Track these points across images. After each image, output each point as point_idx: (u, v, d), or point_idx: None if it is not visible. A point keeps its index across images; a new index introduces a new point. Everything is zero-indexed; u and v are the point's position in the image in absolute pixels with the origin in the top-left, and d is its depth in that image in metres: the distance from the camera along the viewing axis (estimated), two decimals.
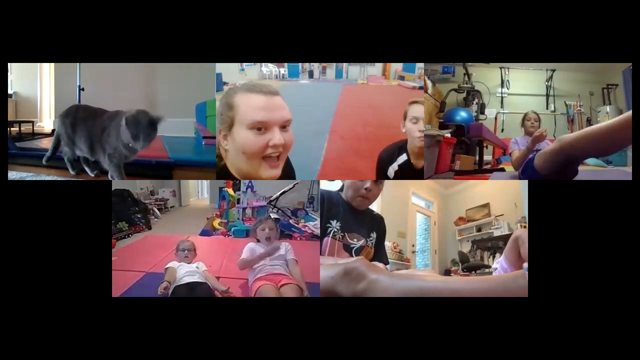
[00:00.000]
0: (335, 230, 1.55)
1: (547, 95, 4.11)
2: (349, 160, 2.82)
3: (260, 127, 1.16)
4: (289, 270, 1.90)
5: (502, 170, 3.13)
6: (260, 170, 1.19)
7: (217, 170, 1.30)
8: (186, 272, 1.85)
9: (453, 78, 3.87)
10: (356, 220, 1.61)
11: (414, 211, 3.29)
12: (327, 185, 1.97)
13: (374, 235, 1.65)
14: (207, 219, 4.17)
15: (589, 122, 4.01)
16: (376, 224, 1.69)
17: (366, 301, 1.25)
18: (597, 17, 1.76)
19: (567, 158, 1.90)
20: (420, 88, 3.92)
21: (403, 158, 1.82)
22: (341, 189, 1.68)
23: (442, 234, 3.48)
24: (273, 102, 1.19)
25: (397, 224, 3.10)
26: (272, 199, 3.89)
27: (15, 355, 1.59)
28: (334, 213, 1.58)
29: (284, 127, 1.20)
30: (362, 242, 1.59)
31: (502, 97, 4.06)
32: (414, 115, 1.77)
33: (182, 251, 2.01)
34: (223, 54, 1.83)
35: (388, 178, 1.85)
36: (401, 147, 1.84)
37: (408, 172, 1.83)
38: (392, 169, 1.83)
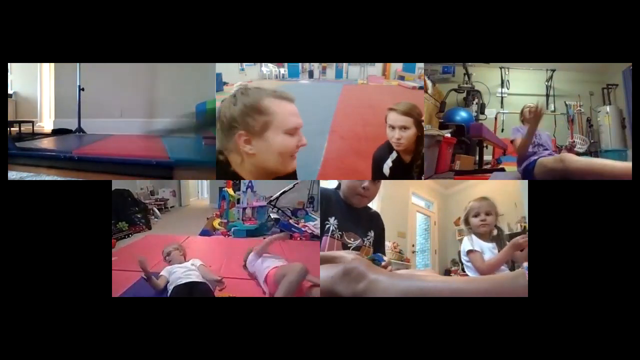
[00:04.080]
0: (333, 228, 1.56)
1: (547, 95, 4.10)
2: (349, 160, 2.81)
3: (293, 131, 1.31)
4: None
5: (502, 170, 3.13)
6: (289, 165, 1.34)
7: (227, 175, 1.37)
8: (184, 273, 1.85)
9: (453, 78, 3.87)
10: (353, 219, 1.61)
11: (414, 211, 3.28)
12: (326, 185, 1.97)
13: (371, 233, 1.65)
14: (207, 219, 4.17)
15: (589, 122, 4.01)
16: (374, 222, 1.69)
17: (366, 301, 1.25)
18: (597, 17, 1.76)
19: (567, 178, 2.00)
20: (420, 88, 3.92)
21: (394, 155, 1.86)
22: (338, 187, 1.68)
23: (442, 234, 3.47)
24: (296, 109, 1.35)
25: (397, 224, 3.10)
26: (272, 199, 3.89)
27: (16, 355, 1.59)
28: (332, 211, 1.58)
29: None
30: (359, 241, 1.59)
31: (502, 97, 4.06)
32: (389, 124, 1.83)
33: (167, 256, 2.06)
34: (223, 54, 1.84)
35: (385, 176, 1.87)
36: (391, 145, 1.87)
37: (401, 169, 1.88)
38: (387, 166, 1.87)
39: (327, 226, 1.56)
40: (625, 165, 1.81)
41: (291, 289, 1.69)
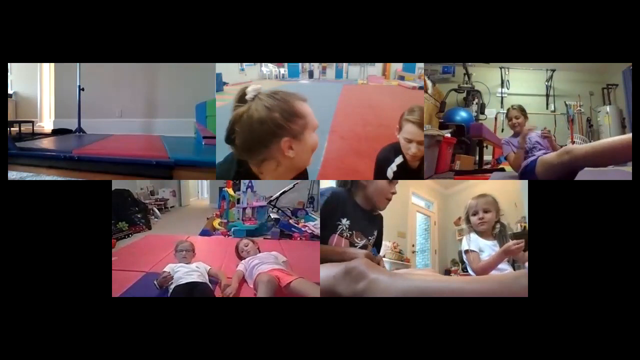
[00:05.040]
0: (344, 228, 1.57)
1: (547, 95, 4.10)
2: (349, 160, 2.81)
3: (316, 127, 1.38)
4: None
5: (502, 170, 3.13)
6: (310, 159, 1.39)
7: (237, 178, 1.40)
8: (185, 272, 1.85)
9: (453, 78, 3.87)
10: (363, 219, 1.63)
11: (414, 211, 3.28)
12: (329, 185, 1.97)
13: (375, 233, 1.66)
14: (207, 219, 4.17)
15: (589, 122, 4.01)
16: (377, 223, 1.70)
17: (366, 301, 1.26)
18: (597, 17, 1.76)
19: (574, 169, 1.97)
20: (420, 88, 3.93)
21: (400, 160, 1.85)
22: (344, 186, 1.68)
23: (442, 234, 3.47)
24: None
25: (397, 224, 3.10)
26: (272, 199, 3.89)
27: (16, 355, 1.59)
28: (344, 212, 1.59)
29: None
30: (364, 241, 1.60)
31: (502, 97, 4.06)
32: (405, 137, 1.80)
33: (180, 252, 2.03)
34: (223, 54, 1.84)
35: (387, 178, 1.86)
36: (397, 149, 1.86)
37: (405, 173, 1.87)
38: (391, 169, 1.86)
39: (340, 227, 1.57)
40: (625, 137, 1.80)
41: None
